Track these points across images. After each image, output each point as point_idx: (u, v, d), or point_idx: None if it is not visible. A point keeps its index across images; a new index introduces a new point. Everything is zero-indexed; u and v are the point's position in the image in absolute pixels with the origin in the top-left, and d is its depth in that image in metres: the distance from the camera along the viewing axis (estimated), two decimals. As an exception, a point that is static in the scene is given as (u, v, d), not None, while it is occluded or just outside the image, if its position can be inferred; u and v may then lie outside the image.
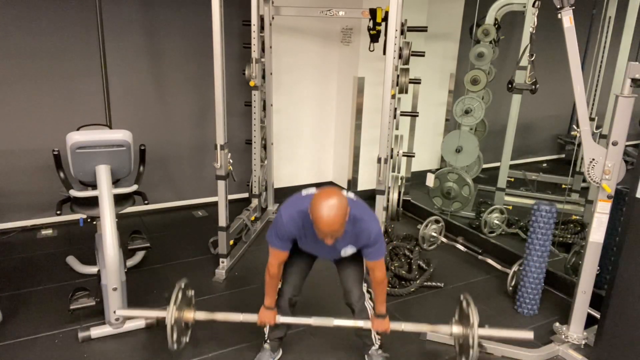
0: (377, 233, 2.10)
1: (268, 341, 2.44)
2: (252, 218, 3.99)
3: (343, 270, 2.35)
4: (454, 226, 4.07)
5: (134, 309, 2.54)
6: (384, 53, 2.92)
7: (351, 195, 2.15)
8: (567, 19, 2.35)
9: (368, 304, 2.35)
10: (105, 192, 2.65)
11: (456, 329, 2.29)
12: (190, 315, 2.36)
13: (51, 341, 2.57)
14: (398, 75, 3.41)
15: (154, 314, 2.42)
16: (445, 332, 2.32)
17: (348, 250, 2.19)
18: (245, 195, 4.44)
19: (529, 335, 2.32)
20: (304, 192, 2.15)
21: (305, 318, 2.32)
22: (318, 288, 3.05)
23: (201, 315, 2.37)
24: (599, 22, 4.18)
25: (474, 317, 2.15)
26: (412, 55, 3.53)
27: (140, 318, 2.56)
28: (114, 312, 2.54)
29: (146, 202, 3.00)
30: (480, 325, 2.16)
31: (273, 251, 2.18)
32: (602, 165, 2.43)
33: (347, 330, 2.66)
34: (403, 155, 3.70)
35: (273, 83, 4.12)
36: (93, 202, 2.74)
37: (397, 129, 3.48)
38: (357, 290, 2.32)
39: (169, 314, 2.20)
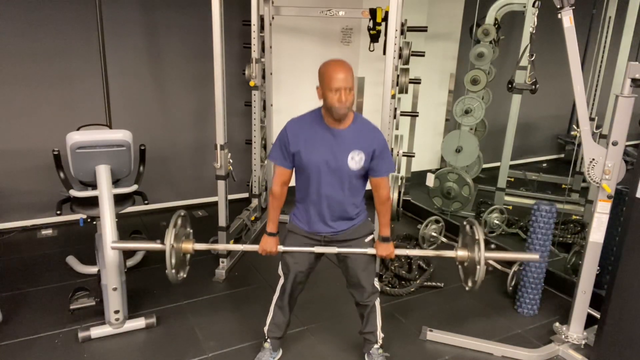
0: (384, 141, 2.14)
1: (268, 340, 2.44)
2: (252, 218, 3.99)
3: (353, 264, 2.25)
4: (454, 226, 4.07)
5: (129, 242, 2.46)
6: (384, 53, 2.92)
7: None
8: (567, 19, 2.35)
9: (377, 300, 2.32)
10: (105, 192, 2.65)
11: (461, 252, 2.24)
12: (189, 245, 2.29)
13: (51, 341, 2.57)
14: (398, 75, 3.41)
15: (152, 245, 2.27)
16: (449, 256, 2.26)
17: (355, 157, 2.08)
18: (245, 195, 4.44)
19: (534, 256, 2.28)
20: None
21: (309, 248, 2.22)
22: (317, 296, 3.05)
23: (200, 246, 2.31)
24: (599, 22, 4.18)
25: (480, 237, 2.11)
26: (412, 55, 3.53)
27: (137, 249, 2.42)
28: (110, 245, 2.43)
29: (146, 202, 3.00)
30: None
31: (276, 168, 2.18)
32: (602, 165, 2.43)
33: (347, 330, 2.67)
34: (403, 155, 3.70)
35: (273, 83, 4.12)
36: (93, 202, 2.74)
37: (397, 129, 3.48)
38: (369, 285, 2.28)
39: (168, 238, 2.13)
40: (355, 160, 2.09)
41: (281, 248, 2.24)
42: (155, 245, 2.21)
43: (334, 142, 2.07)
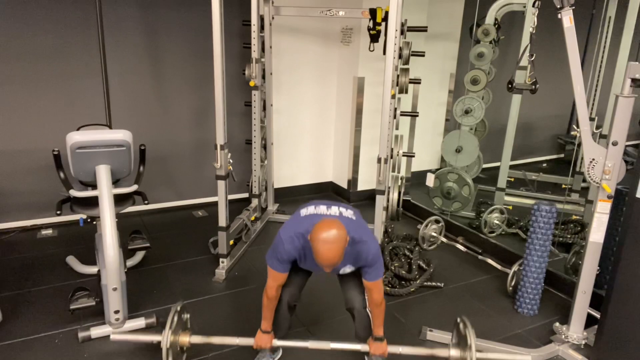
0: (375, 254, 2.11)
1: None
2: (252, 218, 3.99)
3: (345, 278, 2.33)
4: (454, 226, 4.07)
5: (129, 333, 2.53)
6: (384, 53, 2.92)
7: (350, 213, 2.17)
8: (567, 19, 2.35)
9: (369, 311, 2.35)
10: (105, 192, 2.65)
11: (454, 353, 2.28)
12: (186, 339, 2.35)
13: (51, 341, 2.57)
14: (398, 75, 3.41)
15: (150, 337, 2.39)
16: (443, 355, 2.30)
17: (347, 270, 2.21)
18: (245, 195, 4.44)
19: (526, 358, 2.37)
20: (303, 211, 2.16)
21: (302, 342, 2.33)
22: (317, 293, 3.05)
23: (197, 339, 2.37)
24: (599, 22, 4.18)
25: (472, 340, 2.16)
26: (412, 55, 3.53)
27: (136, 341, 2.53)
28: (109, 337, 2.50)
29: (146, 202, 3.00)
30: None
31: (272, 273, 2.17)
32: (602, 165, 2.43)
33: (347, 330, 2.66)
34: (403, 155, 3.70)
35: (273, 83, 4.12)
36: (93, 202, 2.74)
37: (397, 129, 3.48)
38: (359, 297, 2.31)
39: (165, 337, 2.18)
40: (347, 270, 2.22)
41: (276, 343, 2.32)
42: (153, 338, 2.32)
43: None
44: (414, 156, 4.00)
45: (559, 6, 2.35)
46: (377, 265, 2.12)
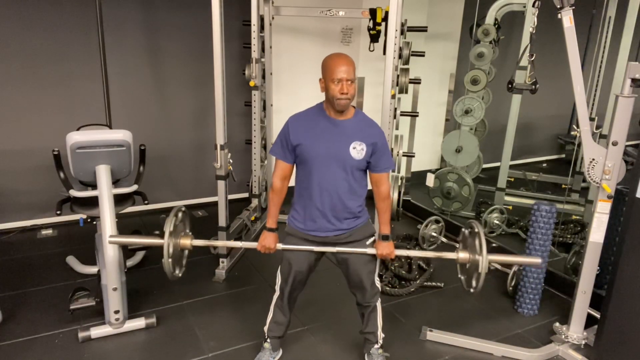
0: (385, 138, 2.18)
1: (268, 340, 2.44)
2: (252, 218, 3.99)
3: (354, 266, 2.24)
4: (454, 226, 4.07)
5: (128, 236, 2.46)
6: (384, 53, 2.92)
7: None
8: (567, 19, 2.35)
9: (378, 302, 2.33)
10: (105, 192, 2.65)
11: (462, 254, 2.20)
12: (187, 241, 2.28)
13: (51, 341, 2.57)
14: (398, 75, 3.41)
15: (150, 238, 2.27)
16: (450, 257, 2.24)
17: (357, 147, 2.08)
18: (245, 195, 4.44)
19: (536, 260, 2.25)
20: None
21: (308, 247, 2.20)
22: (318, 293, 3.05)
23: (199, 242, 2.30)
24: (599, 22, 4.18)
25: (480, 230, 2.10)
26: (412, 55, 3.53)
27: (135, 244, 2.39)
28: (108, 239, 2.42)
29: (146, 202, 3.00)
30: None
31: (277, 163, 2.19)
32: (602, 165, 2.43)
33: (347, 330, 2.67)
34: (403, 155, 3.70)
35: (273, 83, 4.12)
36: (93, 202, 2.74)
37: (397, 129, 3.48)
38: (370, 286, 2.27)
39: (166, 234, 2.11)
40: (357, 150, 2.09)
41: (280, 246, 2.22)
42: (154, 240, 2.19)
43: (335, 132, 2.11)
44: (414, 156, 4.00)
45: (559, 6, 2.35)
46: (387, 152, 2.17)
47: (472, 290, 2.16)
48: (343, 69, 2.04)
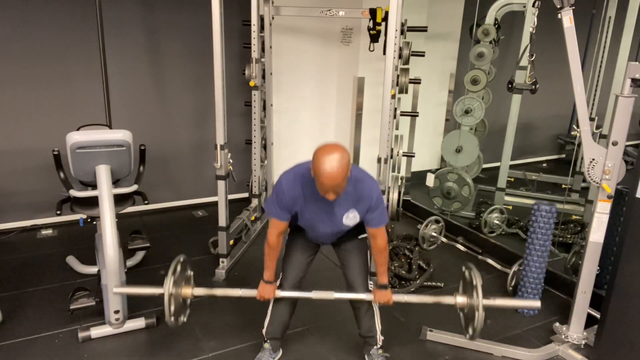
0: (379, 196, 2.10)
1: (268, 341, 2.44)
2: (252, 218, 3.99)
3: (347, 266, 2.33)
4: (454, 226, 4.07)
5: (130, 286, 2.49)
6: (384, 53, 2.92)
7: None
8: (567, 19, 2.35)
9: (374, 302, 2.35)
10: (105, 192, 2.65)
11: (460, 299, 2.25)
12: (189, 291, 2.32)
13: (51, 341, 2.57)
14: (398, 75, 3.41)
15: (151, 289, 2.32)
16: (449, 302, 2.28)
17: (350, 216, 2.13)
18: (245, 195, 4.44)
19: (536, 304, 2.31)
20: (304, 161, 2.15)
21: (306, 293, 2.28)
22: (319, 288, 3.05)
23: (200, 291, 2.33)
24: (599, 22, 4.18)
25: (478, 282, 2.14)
26: (412, 55, 3.53)
27: (138, 295, 2.46)
28: (112, 289, 2.47)
29: (146, 202, 3.00)
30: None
31: (272, 221, 2.16)
32: (602, 165, 2.43)
33: (347, 330, 2.66)
34: (403, 155, 3.70)
35: (273, 83, 4.12)
36: (93, 202, 2.74)
37: (397, 129, 3.48)
38: (362, 288, 2.31)
39: (167, 285, 2.16)
40: (350, 218, 2.15)
41: (279, 293, 2.28)
42: (155, 291, 2.26)
43: (328, 207, 2.09)
44: (414, 156, 4.00)
45: (559, 6, 2.35)
46: (380, 209, 2.12)
47: (467, 337, 2.21)
48: (330, 186, 1.88)
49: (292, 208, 2.11)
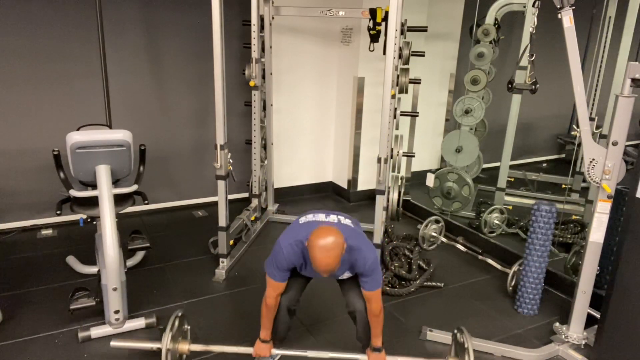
0: (373, 262, 2.10)
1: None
2: (252, 218, 3.99)
3: (345, 281, 2.33)
4: (454, 226, 4.07)
5: (129, 340, 2.52)
6: (384, 53, 2.92)
7: (348, 221, 2.19)
8: (567, 19, 2.35)
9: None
10: (105, 192, 2.65)
11: None
12: (185, 347, 2.36)
13: (51, 341, 2.57)
14: (398, 75, 3.41)
15: (150, 344, 2.38)
16: None
17: (345, 276, 2.24)
18: (245, 195, 4.44)
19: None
20: (302, 220, 2.17)
21: (301, 351, 2.34)
22: (317, 294, 3.05)
23: (196, 347, 2.38)
24: (599, 22, 4.18)
25: (469, 345, 2.17)
26: (412, 55, 3.53)
27: (136, 349, 2.51)
28: (109, 337, 2.52)
29: (146, 202, 2.99)
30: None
31: (271, 282, 2.18)
32: (602, 165, 2.43)
33: (347, 330, 2.66)
34: (403, 155, 3.70)
35: (273, 83, 4.12)
36: (93, 202, 2.74)
37: (397, 129, 3.48)
38: (360, 300, 2.29)
39: (164, 341, 2.19)
40: (346, 276, 2.26)
41: (274, 352, 2.33)
42: (154, 346, 2.30)
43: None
44: (414, 156, 4.00)
45: (559, 6, 2.35)
46: (374, 275, 2.12)
47: None
48: (323, 271, 1.96)
49: (292, 267, 2.18)
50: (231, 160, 3.22)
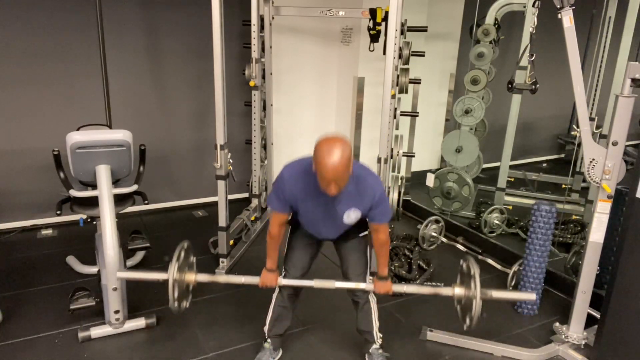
0: (381, 193, 2.10)
1: (268, 340, 2.44)
2: (252, 218, 3.99)
3: (348, 265, 2.33)
4: (454, 226, 4.07)
5: (134, 271, 2.50)
6: (384, 53, 2.92)
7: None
8: (567, 19, 2.35)
9: (371, 297, 2.36)
10: (105, 192, 2.65)
11: (458, 290, 2.27)
12: (192, 277, 2.35)
13: (51, 341, 2.57)
14: (398, 75, 3.41)
15: (155, 275, 2.33)
16: (447, 294, 2.30)
17: (352, 215, 2.11)
18: (245, 195, 4.44)
19: (531, 296, 2.36)
20: (307, 156, 2.14)
21: (307, 281, 2.30)
22: (317, 293, 3.05)
23: (203, 277, 2.36)
24: (599, 22, 4.18)
25: (475, 272, 2.15)
26: (412, 55, 3.53)
27: (141, 280, 2.48)
28: (116, 274, 2.46)
29: (146, 202, 3.00)
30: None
31: (273, 214, 2.19)
32: (602, 165, 2.43)
33: (347, 330, 2.67)
34: (403, 155, 3.70)
35: (273, 83, 4.12)
36: (93, 202, 2.74)
37: (397, 129, 3.48)
38: (362, 283, 2.31)
39: (171, 271, 2.17)
40: (352, 218, 2.14)
41: (281, 281, 2.30)
42: (159, 276, 2.26)
43: (330, 203, 2.08)
44: (414, 156, 4.00)
45: (559, 6, 2.35)
46: (383, 206, 2.11)
47: (465, 327, 2.21)
48: (332, 177, 1.85)
49: (292, 202, 2.11)
50: (231, 160, 3.22)
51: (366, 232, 2.32)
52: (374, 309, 2.38)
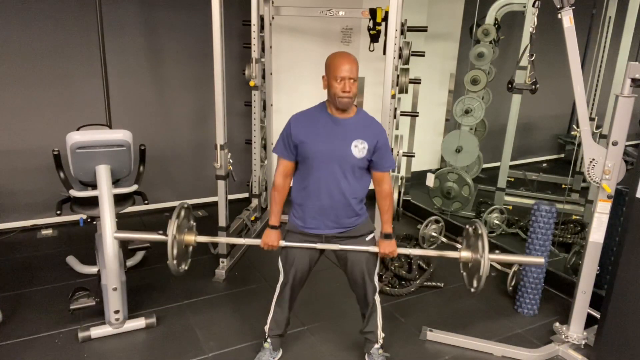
0: (386, 138, 2.18)
1: (268, 340, 2.44)
2: (252, 218, 3.99)
3: (353, 265, 2.25)
4: (454, 226, 4.07)
5: (131, 232, 2.47)
6: (384, 53, 2.92)
7: None
8: (567, 19, 2.35)
9: (376, 298, 2.33)
10: (105, 192, 2.65)
11: (464, 253, 2.24)
12: (192, 237, 2.32)
13: (51, 341, 2.57)
14: (398, 75, 3.41)
15: (154, 235, 2.29)
16: (453, 256, 2.28)
17: (359, 145, 2.09)
18: (245, 195, 4.44)
19: (539, 260, 2.31)
20: None
21: (311, 245, 2.23)
22: (317, 293, 3.05)
23: (202, 239, 2.34)
24: (599, 22, 4.18)
25: (483, 232, 2.13)
26: (412, 55, 3.53)
27: (139, 240, 2.46)
28: (113, 235, 2.46)
29: (146, 202, 3.00)
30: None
31: (279, 161, 2.22)
32: (602, 165, 2.43)
33: (347, 330, 2.67)
34: (403, 155, 3.70)
35: (273, 83, 4.12)
36: (93, 202, 2.74)
37: (397, 129, 3.48)
38: (370, 283, 2.28)
39: (171, 228, 2.15)
40: (359, 149, 2.10)
41: (283, 243, 2.25)
42: (158, 236, 2.22)
43: (337, 130, 2.12)
44: (414, 156, 4.00)
45: (559, 6, 2.35)
46: (387, 152, 2.18)
47: (472, 290, 2.18)
48: (346, 68, 2.05)
49: (299, 138, 2.12)
50: (231, 160, 3.23)
51: (372, 236, 2.28)
52: (379, 309, 2.37)
